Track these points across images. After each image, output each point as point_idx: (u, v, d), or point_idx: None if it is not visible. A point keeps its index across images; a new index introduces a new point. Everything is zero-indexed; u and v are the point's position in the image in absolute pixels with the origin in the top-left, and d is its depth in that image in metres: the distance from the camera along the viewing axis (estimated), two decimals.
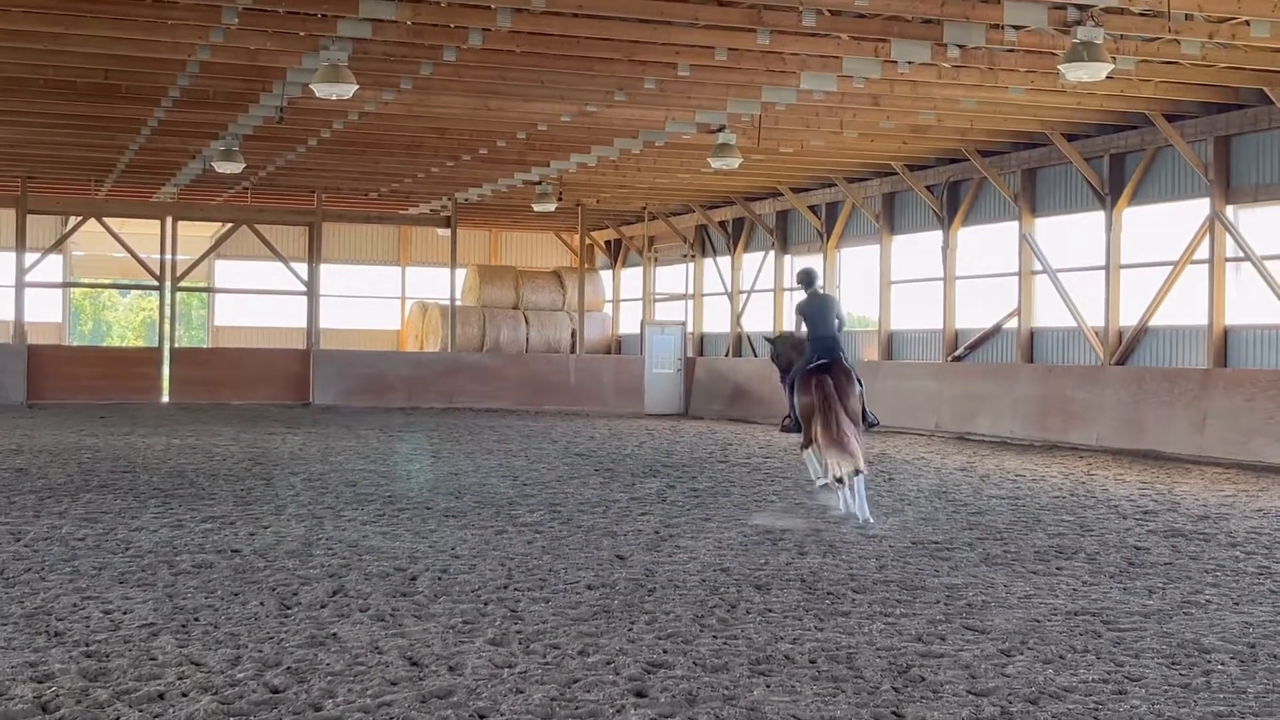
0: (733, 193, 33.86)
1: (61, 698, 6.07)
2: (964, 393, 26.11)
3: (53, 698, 6.07)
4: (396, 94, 21.11)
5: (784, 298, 33.82)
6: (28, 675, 6.45)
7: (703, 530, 11.93)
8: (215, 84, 20.88)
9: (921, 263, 29.18)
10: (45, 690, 6.19)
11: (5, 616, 7.76)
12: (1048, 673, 6.89)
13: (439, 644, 7.28)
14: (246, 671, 6.60)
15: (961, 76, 19.37)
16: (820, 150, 26.56)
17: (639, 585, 9.15)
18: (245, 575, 9.27)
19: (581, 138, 25.58)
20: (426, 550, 10.53)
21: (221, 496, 13.85)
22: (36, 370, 31.81)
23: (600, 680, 6.56)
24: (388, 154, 28.18)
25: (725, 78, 19.91)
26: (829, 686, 6.55)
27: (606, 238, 42.85)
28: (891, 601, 8.75)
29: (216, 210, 36.54)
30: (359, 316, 41.81)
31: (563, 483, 15.90)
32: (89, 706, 5.95)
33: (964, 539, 11.70)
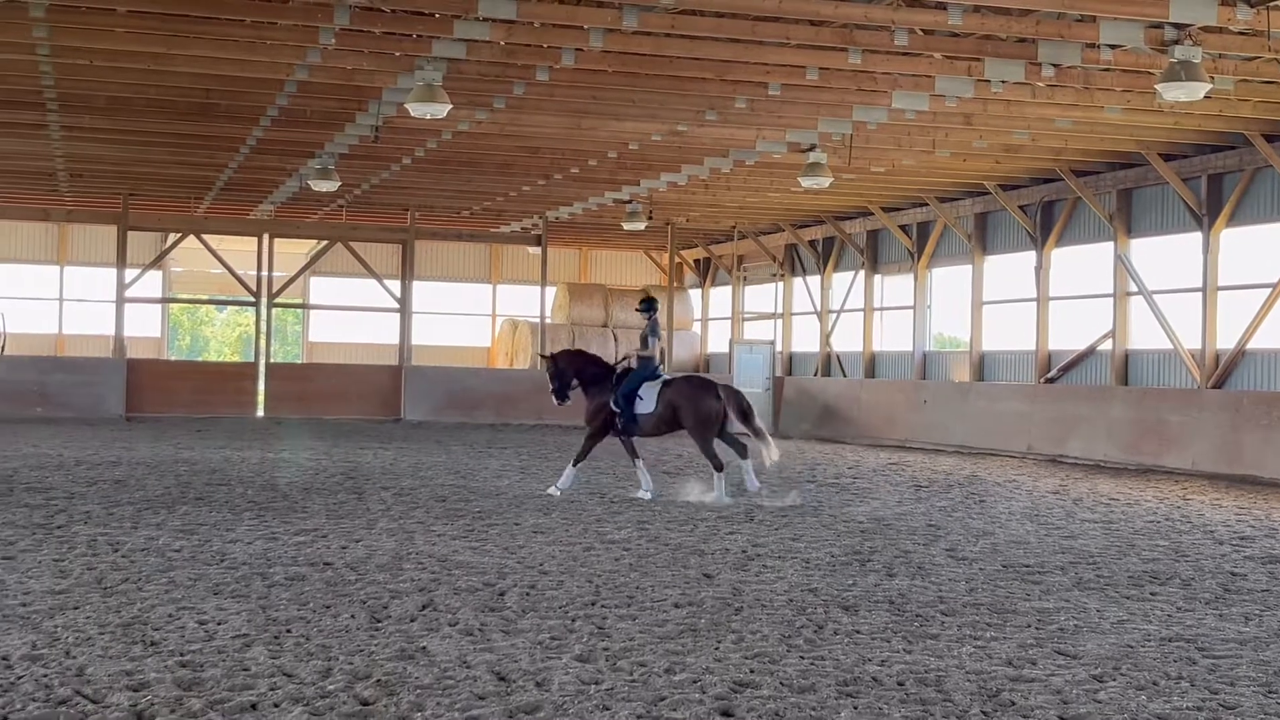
0: (823, 212, 33.76)
1: (156, 706, 6.18)
2: (1057, 415, 25.80)
3: (148, 706, 6.18)
4: (490, 113, 21.31)
5: (874, 317, 33.65)
6: (124, 684, 6.57)
7: (790, 550, 11.89)
8: (312, 103, 21.19)
9: (1014, 283, 28.90)
10: (141, 699, 6.30)
11: (103, 626, 7.91)
12: (1140, 699, 6.80)
13: (526, 659, 7.32)
14: (337, 683, 6.68)
15: (1056, 96, 19.20)
16: (912, 169, 26.42)
17: (726, 604, 9.14)
18: (337, 588, 9.38)
19: (672, 157, 25.64)
20: (515, 566, 10.59)
21: (314, 510, 14.02)
22: (135, 384, 32.39)
23: (687, 699, 6.56)
24: (480, 172, 28.42)
25: (816, 97, 19.88)
26: (917, 710, 6.50)
27: (696, 256, 42.88)
28: (981, 625, 8.67)
29: (312, 227, 37.02)
30: (450, 333, 42.16)
31: (650, 501, 15.91)
32: (183, 715, 6.06)
33: (1056, 563, 11.56)
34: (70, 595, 8.83)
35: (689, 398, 16.46)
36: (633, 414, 16.52)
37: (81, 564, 10.11)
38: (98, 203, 34.67)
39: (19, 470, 17.48)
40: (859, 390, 32.43)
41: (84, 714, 6.03)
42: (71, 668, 6.87)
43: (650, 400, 16.50)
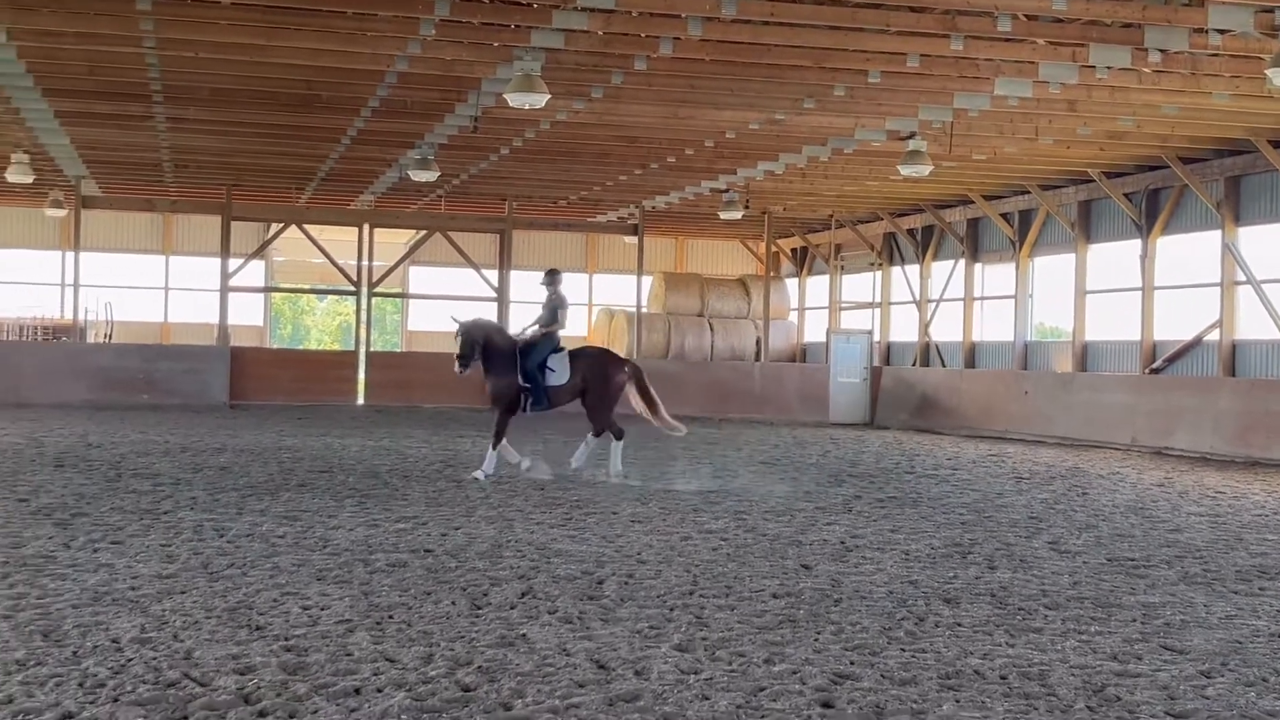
0: (922, 200, 33.47)
1: (262, 690, 6.26)
2: (1162, 406, 25.37)
3: (254, 690, 6.27)
4: (587, 103, 21.36)
5: (974, 307, 33.30)
6: (231, 667, 6.67)
7: (890, 541, 11.80)
8: (412, 94, 21.37)
9: (1118, 272, 28.47)
10: (247, 682, 6.40)
11: (210, 610, 8.04)
12: (1249, 696, 6.67)
13: (626, 648, 7.33)
14: (439, 669, 6.73)
15: (1163, 82, 18.87)
16: (1014, 157, 26.10)
17: (825, 595, 9.09)
18: (437, 575, 9.45)
19: (770, 145, 25.54)
20: (613, 555, 10.61)
21: (414, 497, 14.15)
22: (239, 372, 32.88)
23: (786, 689, 6.54)
24: (577, 162, 28.50)
25: (917, 84, 19.70)
26: (1021, 704, 6.42)
27: (792, 245, 42.70)
28: (1085, 619, 8.54)
29: (411, 217, 37.35)
30: None
31: (748, 491, 15.87)
32: (288, 699, 6.14)
33: (1161, 556, 11.38)
34: (177, 580, 8.99)
35: (602, 370, 16.91)
36: (544, 388, 16.65)
37: (188, 549, 10.28)
38: (202, 193, 35.26)
39: (126, 456, 17.83)
40: (958, 380, 32.11)
41: (192, 696, 6.13)
42: (179, 651, 6.99)
43: (563, 372, 16.72)
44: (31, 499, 12.99)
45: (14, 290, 38.98)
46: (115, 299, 38.29)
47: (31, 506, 12.45)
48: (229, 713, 5.90)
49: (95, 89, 21.85)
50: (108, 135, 26.47)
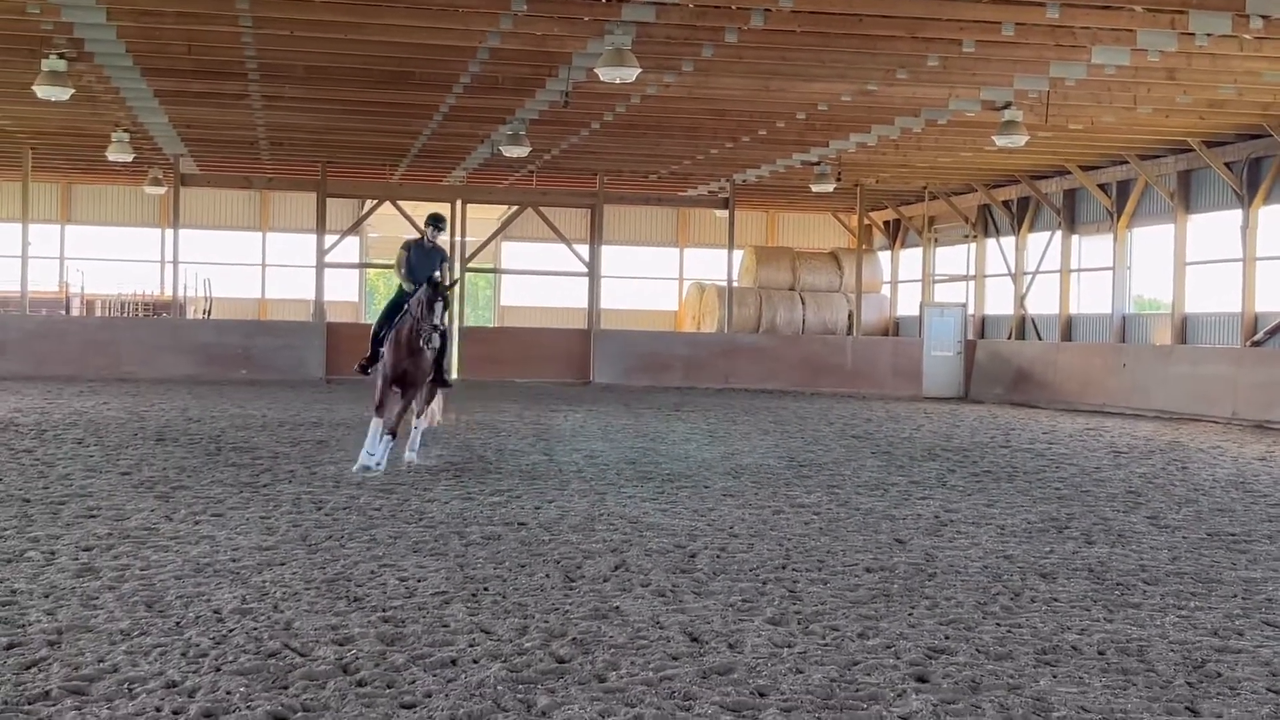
0: (1017, 171, 33.02)
1: (361, 660, 6.36)
2: (1264, 379, 24.88)
3: (353, 660, 6.36)
4: (678, 76, 21.29)
5: (1070, 279, 32.85)
6: (329, 638, 6.78)
7: (985, 516, 11.70)
8: (504, 70, 21.43)
9: (1219, 243, 27.93)
10: (346, 653, 6.50)
11: (309, 581, 8.16)
12: None
13: (718, 621, 7.35)
14: (534, 641, 6.79)
15: (1265, 48, 18.43)
16: (1111, 127, 25.66)
17: (919, 570, 9.05)
18: (531, 548, 9.53)
19: (862, 117, 25.32)
20: (705, 528, 10.63)
21: (508, 471, 14.26)
22: (334, 347, 33.23)
23: (881, 664, 6.52)
24: (668, 136, 28.43)
25: (1012, 53, 19.41)
26: (1119, 679, 6.36)
27: (885, 218, 42.35)
28: (1185, 594, 8.43)
29: (503, 193, 37.51)
30: (638, 297, 42.39)
31: (840, 465, 15.82)
32: (386, 669, 6.22)
33: (1263, 531, 11.19)
34: (277, 551, 9.14)
35: None
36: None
37: (287, 521, 10.44)
38: (297, 170, 35.64)
39: (225, 431, 18.12)
40: (1055, 353, 31.70)
41: (292, 666, 6.23)
42: (279, 621, 7.11)
43: None
44: (134, 472, 13.25)
45: (115, 267, 39.69)
46: (214, 275, 38.87)
47: (134, 480, 12.71)
48: (328, 682, 5.99)
49: (193, 68, 22.15)
50: (205, 113, 26.82)
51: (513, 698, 5.82)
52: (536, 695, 5.85)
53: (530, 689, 5.96)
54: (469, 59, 20.51)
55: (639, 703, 5.78)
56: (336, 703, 5.71)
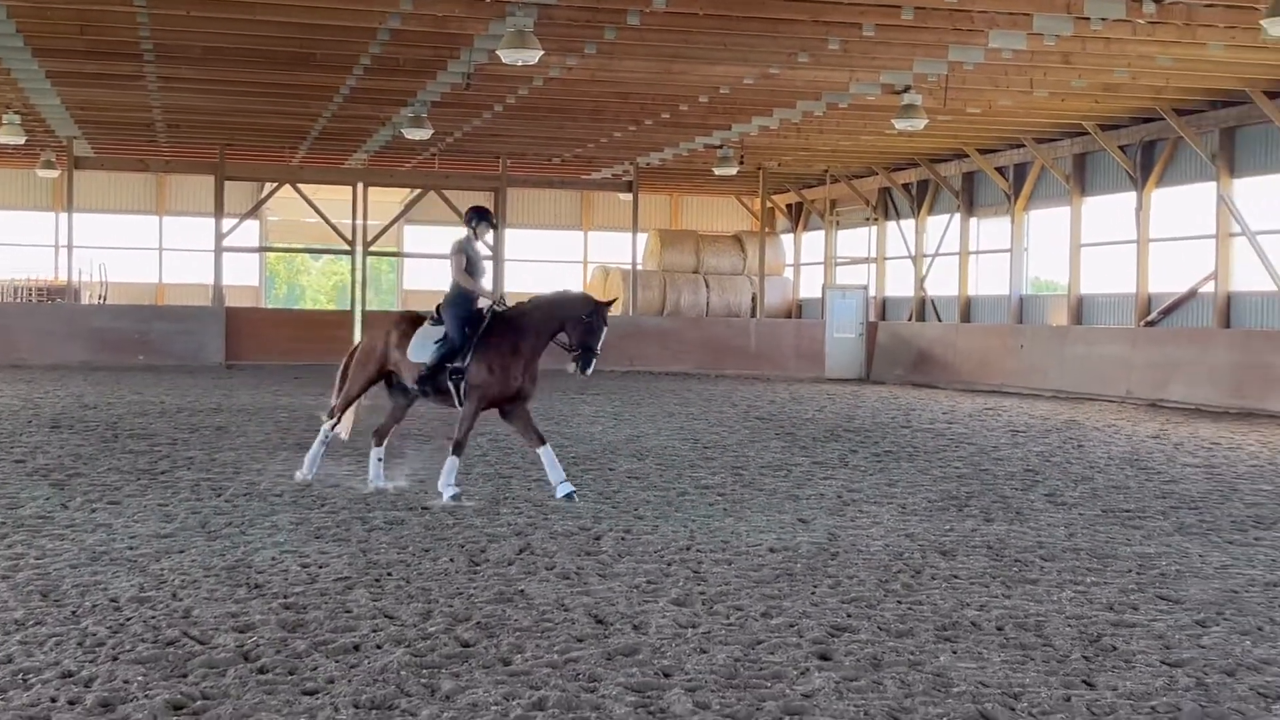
0: (917, 154, 33.37)
1: (262, 647, 6.29)
2: (1157, 359, 25.39)
3: (253, 647, 6.29)
4: (580, 59, 21.25)
5: (969, 261, 33.26)
6: (229, 625, 6.69)
7: (886, 495, 11.83)
8: (405, 51, 21.26)
9: (1114, 225, 28.42)
10: (246, 640, 6.42)
11: (208, 569, 8.06)
12: (1245, 644, 6.70)
13: (623, 603, 7.36)
14: (438, 625, 6.76)
15: (1157, 33, 18.78)
16: (1009, 110, 26.01)
17: (822, 549, 9.12)
18: (435, 532, 9.48)
19: (764, 100, 25.44)
20: (610, 510, 10.64)
21: (410, 455, 14.16)
22: (234, 332, 32.85)
23: (784, 642, 6.57)
24: (571, 119, 28.39)
25: (911, 37, 19.60)
26: (1017, 654, 6.46)
27: (788, 201, 42.61)
28: (1081, 570, 8.58)
29: (405, 176, 37.27)
30: (542, 280, 42.29)
31: (744, 446, 15.90)
32: (288, 656, 6.16)
33: (1157, 508, 11.41)
34: (175, 539, 9.01)
35: None
36: None
37: (186, 508, 10.30)
38: (195, 153, 35.13)
39: (123, 417, 17.83)
40: (954, 335, 32.11)
41: (191, 654, 6.15)
42: (178, 609, 7.01)
43: None
44: (28, 460, 13.00)
45: (7, 252, 38.88)
46: (109, 260, 38.19)
47: (28, 468, 12.46)
48: (228, 670, 5.92)
49: (86, 48, 21.72)
50: (99, 95, 26.34)
51: (416, 682, 5.78)
52: (440, 680, 5.83)
53: (434, 673, 5.93)
54: (369, 40, 20.32)
55: (544, 685, 5.78)
56: (237, 690, 5.65)
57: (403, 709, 5.45)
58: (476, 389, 11.27)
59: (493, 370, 11.26)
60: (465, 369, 11.26)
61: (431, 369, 11.32)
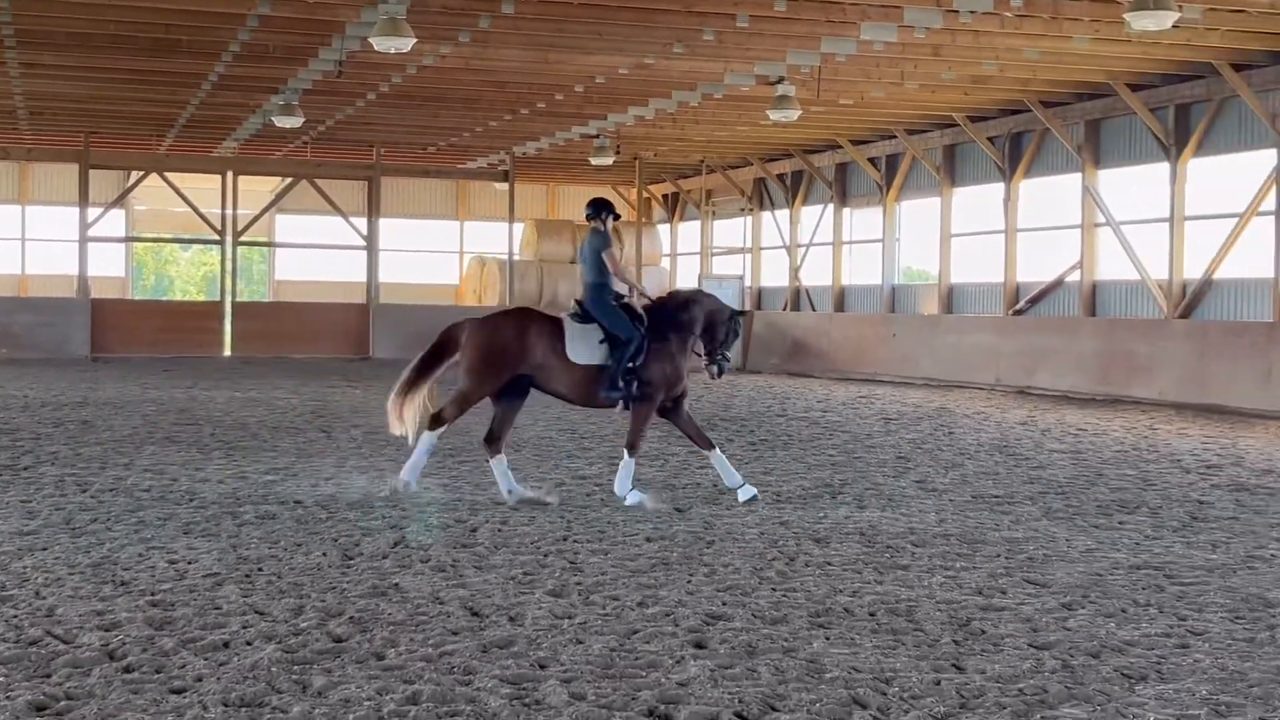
0: (791, 145, 33.63)
1: (128, 646, 6.15)
2: (1025, 347, 25.89)
3: (119, 645, 6.15)
4: (455, 47, 21.08)
5: (843, 251, 33.62)
6: (95, 624, 6.55)
7: (761, 484, 11.90)
8: (275, 38, 20.93)
9: (983, 215, 28.91)
10: (112, 638, 6.28)
11: (73, 566, 7.87)
12: (1110, 626, 6.85)
13: (499, 595, 7.33)
14: (310, 621, 6.67)
15: (1025, 26, 19.11)
16: (880, 102, 26.32)
17: (698, 538, 9.16)
18: (308, 526, 9.36)
19: (639, 90, 25.47)
20: (486, 502, 10.59)
21: (283, 449, 13.98)
22: (100, 324, 32.17)
23: (660, 631, 6.58)
24: (446, 108, 28.18)
25: (784, 29, 19.74)
26: (889, 639, 6.54)
27: (664, 191, 42.72)
28: (951, 555, 8.72)
29: (276, 165, 36.73)
30: (418, 271, 41.95)
31: (621, 436, 15.87)
32: (155, 654, 6.04)
33: (1025, 493, 11.64)
34: (39, 536, 8.79)
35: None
36: None
37: (49, 505, 10.05)
38: (59, 141, 34.27)
39: None
40: (828, 324, 32.45)
41: (55, 654, 6.00)
42: (41, 608, 6.84)
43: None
44: None
45: None
46: None
47: None
48: (93, 669, 5.79)
49: None
50: None
51: (288, 679, 5.70)
52: (312, 676, 5.74)
53: (306, 669, 5.85)
54: (238, 26, 19.97)
55: (418, 679, 5.73)
56: (102, 690, 5.52)
57: (273, 706, 5.37)
58: (653, 387, 10.98)
59: (665, 368, 11.02)
60: (639, 368, 10.91)
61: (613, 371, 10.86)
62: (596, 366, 10.87)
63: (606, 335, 10.89)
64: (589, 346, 10.90)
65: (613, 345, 10.87)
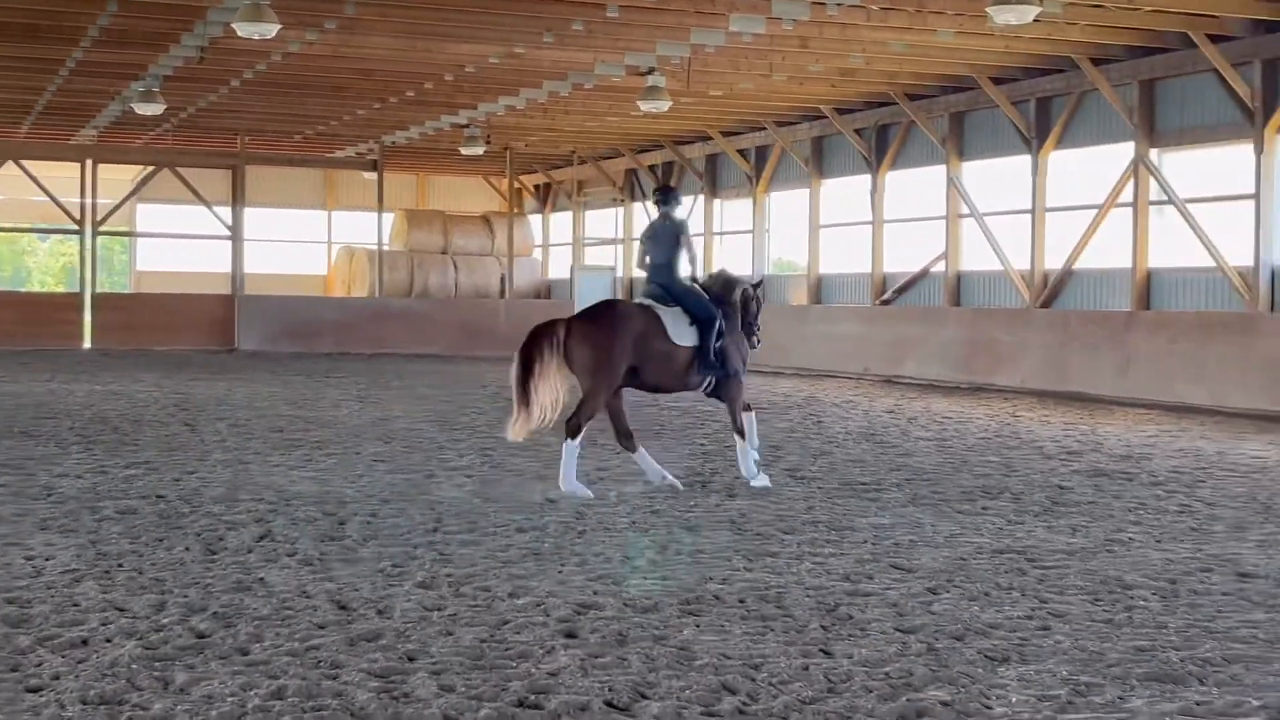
0: (662, 136, 33.73)
1: None
2: (892, 336, 26.26)
3: None
4: (321, 34, 20.78)
5: (714, 241, 33.80)
6: None
7: (633, 473, 11.91)
8: (135, 23, 20.46)
9: (850, 207, 29.25)
10: None
11: None
12: (973, 610, 6.97)
13: (368, 588, 7.25)
14: (171, 617, 6.53)
15: (890, 19, 19.35)
16: (749, 93, 26.48)
17: (569, 528, 9.15)
18: (170, 521, 9.17)
19: (510, 80, 25.34)
20: (355, 495, 10.47)
21: (146, 443, 13.70)
22: None
23: (530, 622, 6.56)
24: (312, 95, 27.79)
25: (654, 19, 19.77)
26: (758, 625, 6.58)
27: (535, 182, 42.60)
28: (820, 542, 8.80)
29: (137, 153, 35.97)
30: (285, 261, 41.36)
31: (493, 427, 15.80)
32: (11, 653, 5.87)
33: (891, 480, 11.80)
34: None
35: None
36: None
37: None
38: None
39: None
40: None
41: None
42: None
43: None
44: None
45: None
46: None
47: None
48: None
49: None
50: None
51: (149, 676, 5.57)
52: (174, 672, 5.62)
53: (168, 666, 5.72)
54: (98, 11, 19.48)
55: (283, 674, 5.63)
56: None
57: (134, 704, 5.24)
58: (740, 364, 11.49)
59: (740, 345, 11.53)
60: (723, 348, 11.27)
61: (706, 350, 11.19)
62: (694, 348, 11.18)
63: (691, 317, 11.19)
64: (684, 328, 11.19)
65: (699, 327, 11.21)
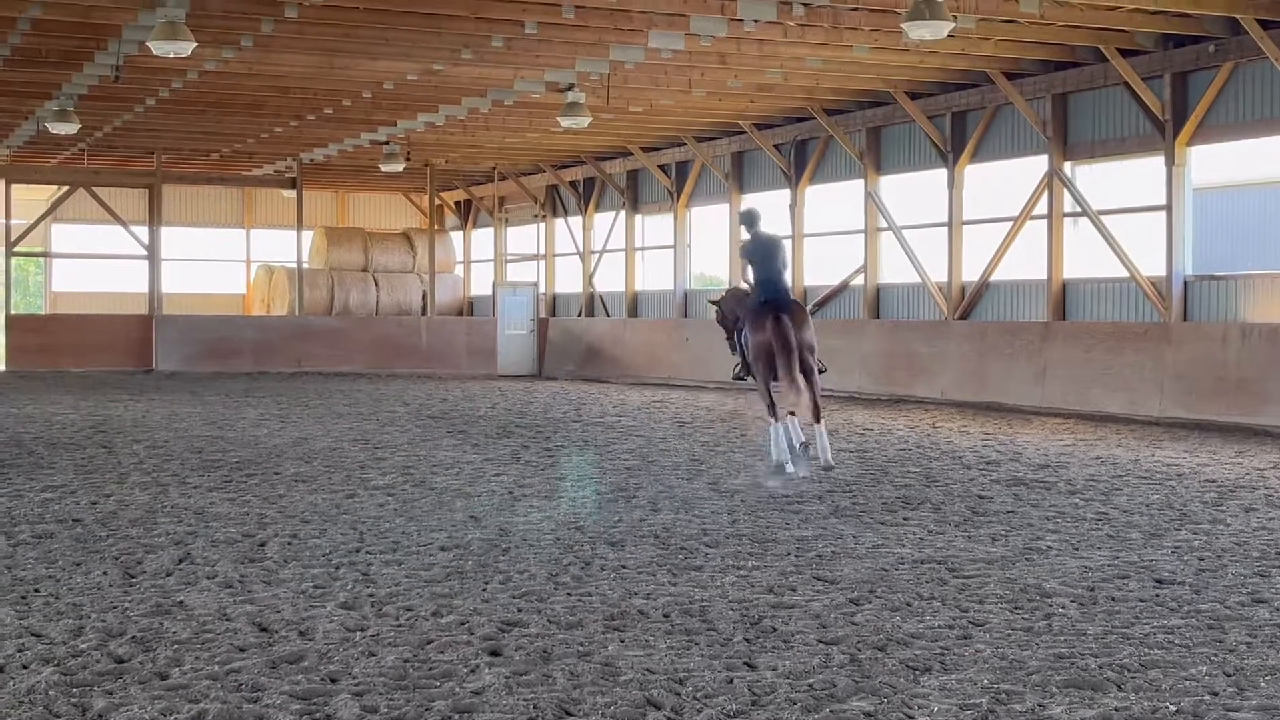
0: (583, 152, 33.77)
1: None
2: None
3: None
4: (237, 52, 20.61)
5: (635, 257, 33.87)
6: None
7: (556, 489, 11.93)
8: (48, 42, 20.20)
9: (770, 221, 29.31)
10: None
11: None
12: (895, 620, 7.03)
13: (289, 609, 7.19)
14: (89, 642, 6.44)
15: (807, 35, 19.50)
16: (669, 109, 26.58)
17: (493, 545, 9.13)
18: (87, 545, 9.05)
19: (429, 97, 25.27)
20: (275, 516, 10.38)
21: (61, 465, 13.50)
22: None
23: (454, 640, 6.54)
24: (229, 113, 27.56)
25: (573, 36, 19.80)
26: (682, 640, 6.60)
27: (456, 198, 42.48)
28: (743, 555, 8.84)
29: (52, 173, 35.48)
30: (203, 281, 40.93)
31: (415, 445, 15.77)
32: None
33: (814, 492, 11.87)
34: None
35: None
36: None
37: None
38: None
39: None
40: (622, 330, 32.66)
41: None
42: None
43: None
44: None
45: None
46: None
47: None
48: None
49: None
50: None
51: (66, 702, 5.50)
52: (93, 698, 5.55)
53: (86, 691, 5.65)
54: (9, 30, 19.21)
55: (204, 698, 5.58)
56: None
57: None
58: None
59: None
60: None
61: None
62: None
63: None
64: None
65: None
